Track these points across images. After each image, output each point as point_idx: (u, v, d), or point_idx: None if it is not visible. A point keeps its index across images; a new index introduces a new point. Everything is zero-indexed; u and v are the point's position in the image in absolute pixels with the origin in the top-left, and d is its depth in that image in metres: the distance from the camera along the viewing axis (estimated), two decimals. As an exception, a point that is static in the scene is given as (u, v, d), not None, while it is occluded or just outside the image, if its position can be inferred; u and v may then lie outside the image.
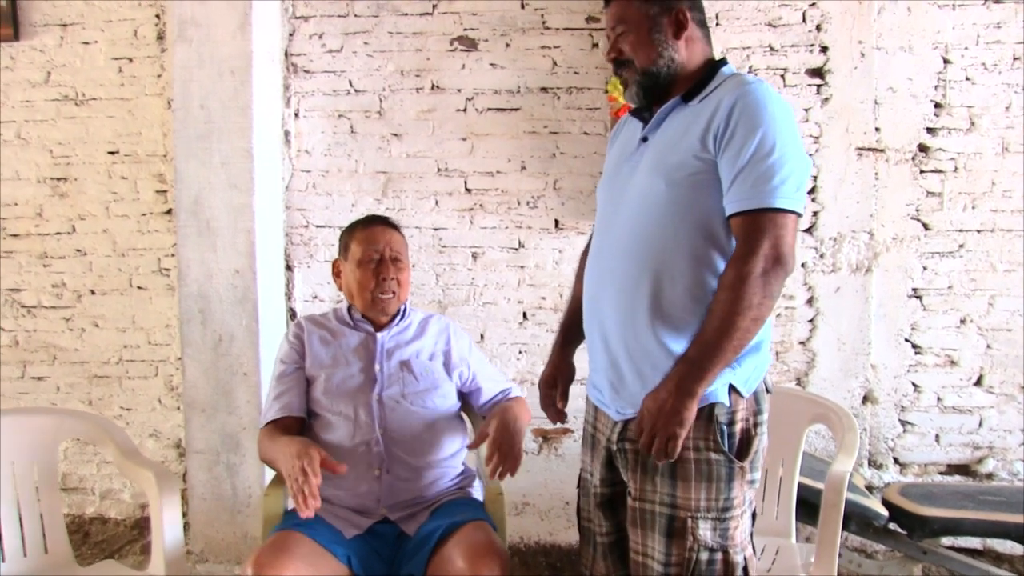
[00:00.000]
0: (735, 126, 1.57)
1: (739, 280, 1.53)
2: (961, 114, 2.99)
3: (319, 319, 2.31)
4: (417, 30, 3.13)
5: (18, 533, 2.22)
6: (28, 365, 3.43)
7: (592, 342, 1.81)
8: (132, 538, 3.35)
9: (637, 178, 1.71)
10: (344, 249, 2.28)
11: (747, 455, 1.64)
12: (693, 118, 1.65)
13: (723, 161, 1.58)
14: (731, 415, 1.63)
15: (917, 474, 3.12)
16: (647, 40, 1.71)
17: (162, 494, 2.10)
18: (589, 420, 1.89)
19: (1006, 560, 3.03)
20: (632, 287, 1.66)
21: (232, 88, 2.89)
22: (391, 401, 2.16)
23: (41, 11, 3.25)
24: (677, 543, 1.64)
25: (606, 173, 1.89)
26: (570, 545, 3.25)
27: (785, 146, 1.55)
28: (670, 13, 1.71)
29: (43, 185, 3.33)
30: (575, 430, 3.22)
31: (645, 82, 1.73)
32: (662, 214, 1.64)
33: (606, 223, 1.79)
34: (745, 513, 1.68)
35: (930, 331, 3.09)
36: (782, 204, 1.54)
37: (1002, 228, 3.02)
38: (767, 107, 1.57)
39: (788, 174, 1.55)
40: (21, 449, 2.26)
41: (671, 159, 1.65)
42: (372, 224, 2.29)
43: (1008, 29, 2.96)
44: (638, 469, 1.69)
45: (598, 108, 3.07)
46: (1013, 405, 3.08)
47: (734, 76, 1.69)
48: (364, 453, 2.11)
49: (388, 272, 2.21)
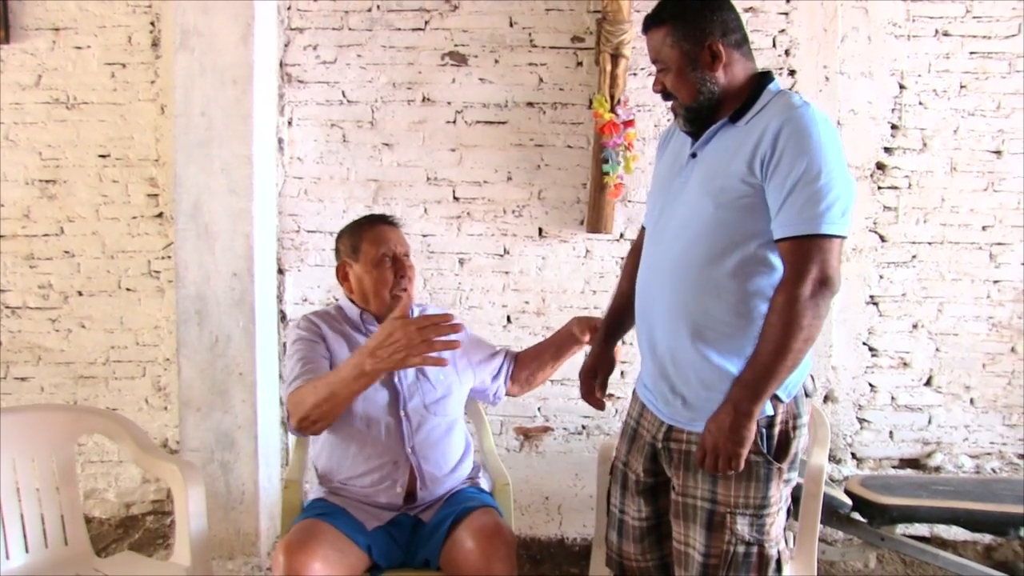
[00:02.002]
0: (782, 152, 1.61)
1: (790, 304, 1.60)
2: (915, 135, 3.24)
3: (328, 317, 2.27)
4: (409, 44, 3.25)
5: (40, 526, 2.27)
6: (11, 366, 3.44)
7: (642, 346, 1.91)
8: (117, 537, 3.38)
9: (687, 195, 1.78)
10: (352, 251, 2.24)
11: (785, 457, 1.75)
12: (741, 140, 1.70)
13: (770, 186, 1.64)
14: (770, 419, 1.73)
15: (873, 468, 3.37)
16: (686, 78, 1.75)
17: (187, 486, 2.18)
18: (633, 415, 1.99)
19: (950, 545, 3.29)
20: (680, 303, 1.76)
21: (233, 96, 2.98)
22: (416, 415, 2.19)
23: (33, 15, 3.28)
24: (716, 536, 1.75)
25: (657, 182, 1.96)
26: (549, 538, 3.41)
27: (831, 171, 1.60)
28: (703, 48, 1.73)
29: (31, 187, 3.36)
30: (555, 428, 3.38)
31: (690, 116, 1.78)
32: (710, 234, 1.71)
33: (657, 235, 1.87)
34: (781, 510, 1.79)
35: (885, 335, 3.33)
36: (828, 230, 1.60)
37: (951, 241, 3.28)
38: (813, 133, 1.61)
39: (834, 199, 1.59)
40: (41, 445, 2.31)
41: (719, 182, 1.71)
42: (378, 223, 2.28)
43: (955, 60, 3.22)
44: (681, 466, 1.80)
45: (581, 123, 3.24)
46: (959, 404, 3.35)
47: (781, 96, 1.72)
48: (391, 471, 2.15)
49: (404, 270, 2.22)
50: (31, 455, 2.30)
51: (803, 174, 1.59)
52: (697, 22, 1.74)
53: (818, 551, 3.16)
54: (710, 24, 1.74)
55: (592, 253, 3.29)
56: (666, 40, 1.76)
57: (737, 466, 1.69)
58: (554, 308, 3.32)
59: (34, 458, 2.30)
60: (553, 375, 3.25)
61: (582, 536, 3.41)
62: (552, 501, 3.41)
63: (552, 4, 3.21)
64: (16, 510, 2.25)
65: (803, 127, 1.62)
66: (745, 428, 1.66)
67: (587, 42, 3.20)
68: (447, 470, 2.23)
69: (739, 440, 1.66)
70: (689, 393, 1.77)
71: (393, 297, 2.21)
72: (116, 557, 2.38)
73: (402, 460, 2.16)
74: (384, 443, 2.16)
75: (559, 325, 3.26)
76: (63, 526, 2.32)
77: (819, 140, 1.61)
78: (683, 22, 1.74)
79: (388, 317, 1.94)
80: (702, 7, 1.75)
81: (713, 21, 1.74)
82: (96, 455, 3.46)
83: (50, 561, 2.26)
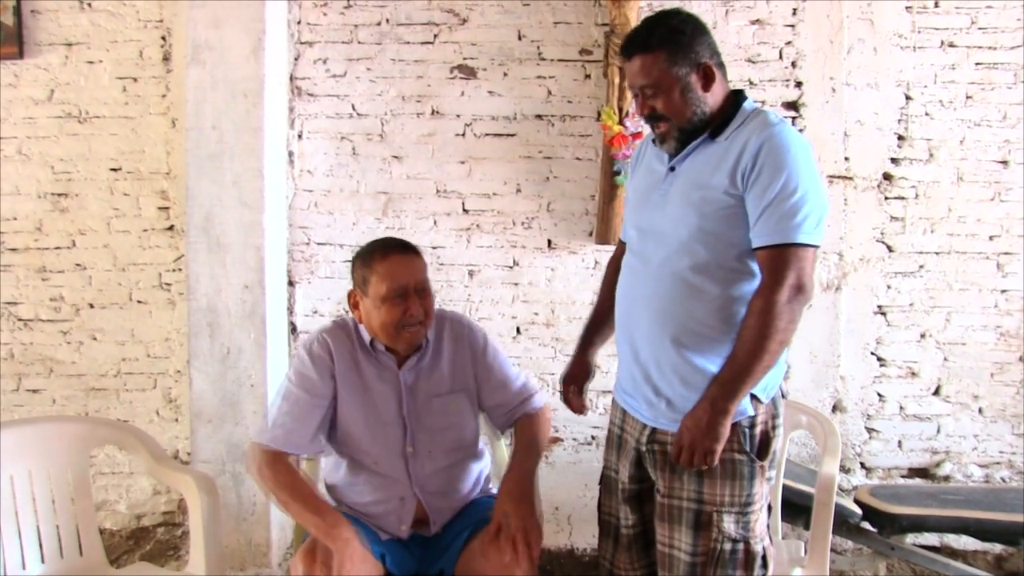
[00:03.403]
0: (761, 166, 1.71)
1: (767, 308, 1.70)
2: (921, 146, 3.26)
3: (342, 334, 2.16)
4: (419, 58, 3.28)
5: (55, 536, 2.29)
6: (24, 378, 3.46)
7: (622, 353, 1.98)
8: (128, 548, 3.39)
9: (668, 208, 1.85)
10: (363, 283, 2.09)
11: (766, 455, 1.84)
12: (721, 155, 1.79)
13: (750, 197, 1.74)
14: (752, 419, 1.82)
15: (882, 477, 3.37)
16: (681, 100, 1.81)
17: (202, 497, 2.20)
18: (616, 422, 2.06)
19: (960, 555, 3.29)
20: (664, 309, 1.83)
21: (244, 110, 3.01)
22: (423, 451, 2.13)
23: (47, 31, 3.32)
24: (703, 535, 1.82)
25: (635, 197, 2.03)
26: (559, 549, 3.42)
27: (807, 186, 1.71)
28: (697, 70, 1.81)
29: (43, 200, 3.38)
30: (564, 439, 3.39)
31: (683, 136, 1.84)
32: (694, 242, 1.79)
33: (639, 246, 1.94)
34: (763, 507, 1.86)
35: (893, 345, 3.34)
36: (804, 239, 1.71)
37: (957, 251, 3.29)
38: (790, 149, 1.72)
39: (809, 211, 1.71)
40: (56, 456, 2.33)
41: (702, 194, 1.79)
42: (390, 253, 2.08)
43: (961, 70, 3.24)
44: (667, 469, 1.87)
45: (590, 135, 3.27)
46: (967, 413, 3.35)
47: (757, 114, 1.83)
48: (397, 506, 2.13)
49: (415, 307, 2.05)
50: (47, 466, 2.32)
51: (781, 188, 1.70)
52: (691, 45, 1.80)
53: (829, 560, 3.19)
54: (700, 46, 1.82)
55: (601, 264, 3.30)
56: (659, 65, 1.80)
57: (711, 461, 1.75)
58: (563, 319, 3.34)
59: (49, 469, 2.32)
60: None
61: (592, 547, 3.40)
62: (562, 511, 3.42)
63: (560, 17, 3.24)
64: (32, 521, 2.26)
65: (781, 144, 1.72)
66: (721, 425, 1.73)
67: (595, 55, 3.23)
68: (457, 499, 2.20)
69: (715, 436, 1.73)
70: (673, 395, 1.84)
71: (398, 333, 2.06)
72: (131, 568, 2.40)
73: (409, 497, 2.13)
74: (391, 479, 2.12)
75: (568, 336, 3.32)
76: (78, 537, 2.33)
77: (795, 156, 1.72)
78: (677, 46, 1.80)
79: None
80: (693, 31, 1.82)
81: (703, 44, 1.82)
82: (107, 467, 3.47)
83: (66, 571, 2.28)
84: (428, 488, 2.14)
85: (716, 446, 1.74)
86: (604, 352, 2.26)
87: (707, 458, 1.74)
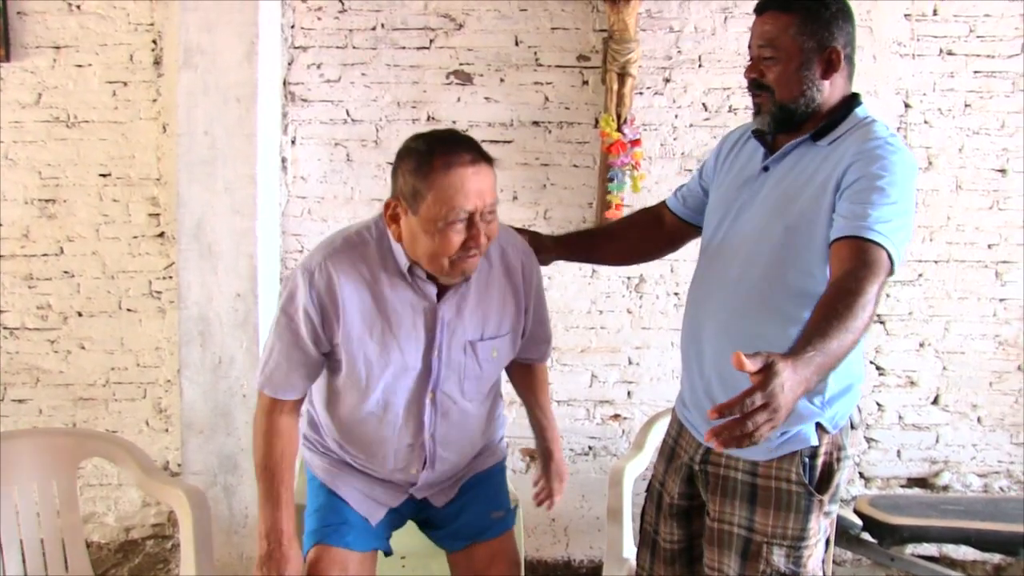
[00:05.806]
0: (860, 176, 1.55)
1: (863, 292, 1.40)
2: (920, 154, 3.23)
3: (356, 254, 1.75)
4: (414, 63, 3.24)
5: (40, 551, 2.23)
6: (9, 387, 3.38)
7: (687, 361, 1.86)
8: (117, 562, 3.33)
9: (754, 211, 1.73)
10: (412, 196, 1.63)
11: (827, 489, 1.70)
12: (820, 162, 1.65)
13: (842, 200, 1.57)
14: (814, 449, 1.68)
15: (880, 487, 3.35)
16: (794, 75, 1.66)
17: (193, 512, 2.15)
18: (671, 434, 1.96)
19: (959, 565, 3.28)
20: (734, 322, 1.71)
21: (237, 115, 2.95)
22: (447, 400, 1.85)
23: (34, 33, 3.25)
24: (751, 565, 1.71)
25: (722, 188, 1.86)
26: (556, 560, 3.38)
27: (903, 200, 1.55)
28: (823, 51, 1.65)
29: (30, 206, 3.31)
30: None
31: (779, 115, 1.69)
32: (775, 255, 1.66)
33: (714, 250, 1.82)
34: (819, 542, 1.73)
35: (892, 354, 3.32)
36: (894, 253, 1.49)
37: (956, 259, 3.28)
38: (895, 170, 1.55)
39: (900, 227, 1.52)
40: (43, 469, 2.28)
41: (794, 205, 1.65)
42: (455, 164, 1.60)
43: (960, 79, 3.22)
44: (718, 491, 1.77)
45: (587, 142, 3.23)
46: (966, 422, 3.34)
47: (868, 123, 1.66)
48: (406, 454, 1.89)
49: (480, 237, 1.64)
50: (33, 479, 2.26)
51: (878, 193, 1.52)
52: (828, 23, 1.65)
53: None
54: (838, 30, 1.66)
55: (599, 273, 3.27)
56: (788, 29, 1.65)
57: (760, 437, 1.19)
58: (560, 328, 3.29)
59: (35, 483, 2.26)
60: (559, 397, 3.28)
61: (588, 558, 3.37)
62: (559, 523, 3.38)
63: (558, 23, 3.20)
64: (15, 535, 2.20)
65: (883, 157, 1.57)
66: (798, 394, 1.25)
67: (593, 61, 3.19)
68: (468, 455, 2.00)
69: (790, 402, 1.22)
70: None
71: (452, 264, 1.66)
72: (121, 584, 2.34)
73: (419, 445, 1.88)
74: (403, 428, 1.85)
75: (565, 345, 3.29)
76: (64, 551, 2.27)
77: (900, 176, 1.56)
78: (814, 18, 1.65)
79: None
80: (836, 11, 1.67)
81: (841, 28, 1.67)
82: (95, 479, 3.40)
83: (52, 587, 2.22)
84: (443, 434, 1.88)
85: (780, 417, 1.20)
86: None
87: (767, 424, 1.19)
